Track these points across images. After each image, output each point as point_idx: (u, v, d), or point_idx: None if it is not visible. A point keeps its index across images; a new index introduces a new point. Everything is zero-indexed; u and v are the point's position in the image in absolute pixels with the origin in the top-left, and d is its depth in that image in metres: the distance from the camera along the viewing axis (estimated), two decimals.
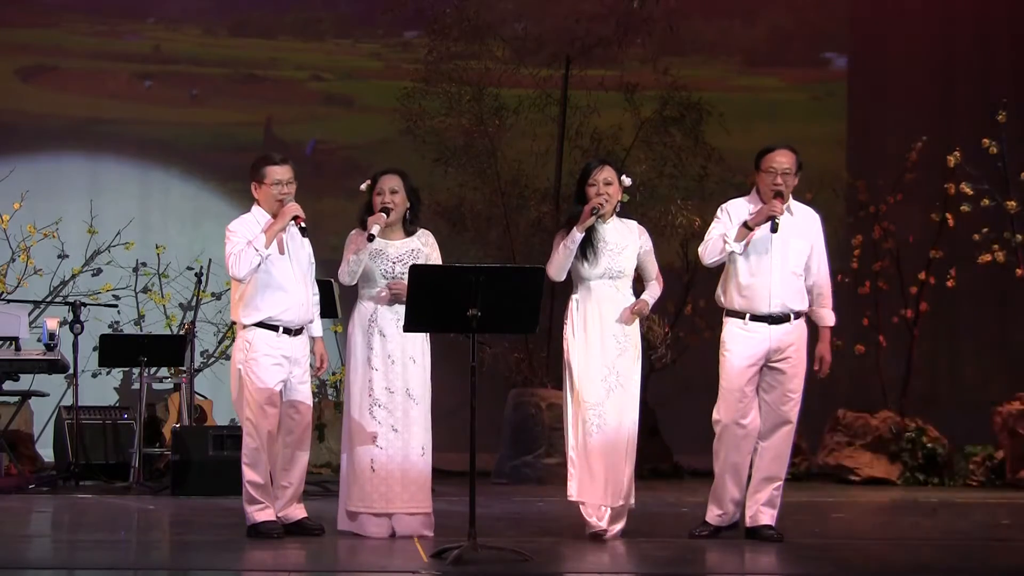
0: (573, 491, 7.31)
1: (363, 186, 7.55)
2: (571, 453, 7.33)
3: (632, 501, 7.40)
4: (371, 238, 7.25)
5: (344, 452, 7.46)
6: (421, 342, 7.42)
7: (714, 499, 7.41)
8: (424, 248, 7.48)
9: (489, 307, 6.59)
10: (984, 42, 13.48)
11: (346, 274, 7.39)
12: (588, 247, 7.34)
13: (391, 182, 7.45)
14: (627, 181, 7.48)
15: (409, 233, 7.51)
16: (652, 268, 7.54)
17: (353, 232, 7.47)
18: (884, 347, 12.06)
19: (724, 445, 7.32)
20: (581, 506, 7.34)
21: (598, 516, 7.28)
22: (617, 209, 7.47)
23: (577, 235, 7.30)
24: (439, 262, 7.47)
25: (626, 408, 7.33)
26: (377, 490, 7.30)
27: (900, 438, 11.48)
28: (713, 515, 7.40)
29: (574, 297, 7.44)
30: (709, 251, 7.33)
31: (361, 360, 7.39)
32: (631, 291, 7.47)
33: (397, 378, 7.36)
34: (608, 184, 7.37)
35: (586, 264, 7.36)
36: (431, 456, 7.45)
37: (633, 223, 7.54)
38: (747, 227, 7.24)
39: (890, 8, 13.55)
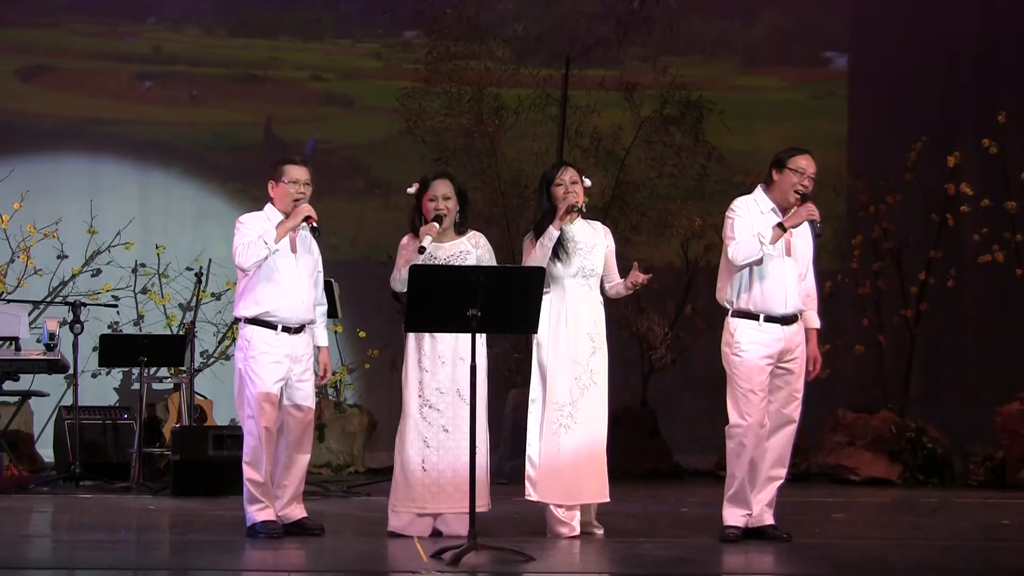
0: (533, 492, 7.31)
1: (412, 189, 7.49)
2: (530, 453, 7.34)
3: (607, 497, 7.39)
4: (422, 250, 7.23)
5: (397, 454, 7.41)
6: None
7: (737, 502, 7.26)
8: (475, 250, 7.47)
9: (489, 307, 6.59)
10: (984, 42, 13.47)
11: (398, 281, 7.31)
12: (560, 247, 7.37)
13: (444, 188, 7.44)
14: (587, 183, 7.55)
15: (460, 234, 7.52)
16: (615, 268, 7.59)
17: (405, 239, 7.45)
18: (884, 347, 12.06)
19: (748, 448, 7.19)
20: (548, 509, 7.33)
21: (569, 517, 7.29)
22: (583, 211, 7.51)
23: (554, 232, 7.34)
24: (492, 263, 7.46)
25: (600, 405, 7.37)
26: (428, 490, 7.29)
27: (900, 438, 11.47)
28: (738, 517, 7.27)
29: (546, 297, 7.40)
30: (744, 252, 7.14)
31: (412, 362, 7.39)
32: (599, 290, 7.52)
33: (447, 378, 7.34)
34: (575, 183, 7.44)
35: (559, 264, 7.38)
36: (487, 455, 7.35)
37: (598, 224, 7.61)
38: (782, 228, 7.17)
39: (890, 8, 13.54)
